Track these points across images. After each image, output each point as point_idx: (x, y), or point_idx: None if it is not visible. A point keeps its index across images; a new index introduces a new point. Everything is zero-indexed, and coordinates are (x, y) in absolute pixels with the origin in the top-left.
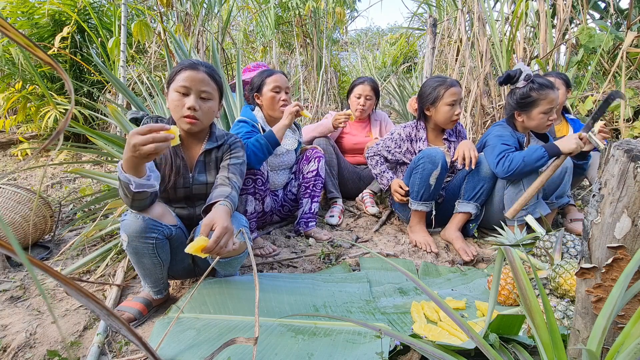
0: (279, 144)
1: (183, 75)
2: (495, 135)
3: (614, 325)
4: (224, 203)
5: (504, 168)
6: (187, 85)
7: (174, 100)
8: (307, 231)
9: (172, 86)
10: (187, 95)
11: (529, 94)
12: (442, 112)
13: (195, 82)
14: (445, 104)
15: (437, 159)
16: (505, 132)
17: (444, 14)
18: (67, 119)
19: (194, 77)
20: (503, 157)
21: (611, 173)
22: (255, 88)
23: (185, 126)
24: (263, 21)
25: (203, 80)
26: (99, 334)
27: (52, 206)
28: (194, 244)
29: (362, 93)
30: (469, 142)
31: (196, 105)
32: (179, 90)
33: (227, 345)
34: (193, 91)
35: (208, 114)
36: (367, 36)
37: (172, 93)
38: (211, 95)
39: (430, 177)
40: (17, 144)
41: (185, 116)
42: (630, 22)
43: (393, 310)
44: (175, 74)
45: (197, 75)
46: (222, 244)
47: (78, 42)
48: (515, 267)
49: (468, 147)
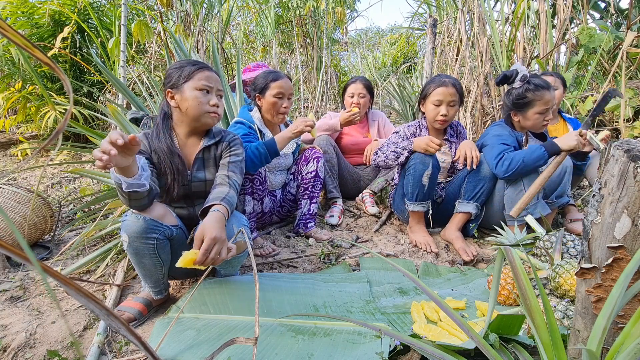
0: (278, 155)
1: (203, 74)
2: (494, 135)
3: (614, 325)
4: (218, 208)
5: (504, 168)
6: (210, 85)
7: (197, 97)
8: (307, 232)
9: (191, 84)
10: (209, 92)
11: (525, 94)
12: (428, 110)
13: (213, 81)
14: (431, 102)
15: (427, 159)
16: (504, 132)
17: (444, 14)
18: (66, 119)
19: (213, 77)
20: (502, 157)
21: (611, 173)
22: (259, 89)
23: (212, 121)
24: (263, 21)
25: (218, 80)
26: (99, 334)
27: (52, 206)
28: (183, 258)
29: (355, 92)
30: (470, 142)
31: (219, 102)
32: (202, 88)
33: (227, 345)
34: (213, 90)
35: (222, 111)
36: (367, 36)
37: (192, 91)
38: (223, 94)
39: (423, 177)
40: (17, 144)
41: (211, 112)
42: (630, 22)
43: (393, 310)
44: (193, 73)
45: (213, 75)
46: (213, 256)
47: (78, 42)
48: (515, 267)
49: (470, 147)
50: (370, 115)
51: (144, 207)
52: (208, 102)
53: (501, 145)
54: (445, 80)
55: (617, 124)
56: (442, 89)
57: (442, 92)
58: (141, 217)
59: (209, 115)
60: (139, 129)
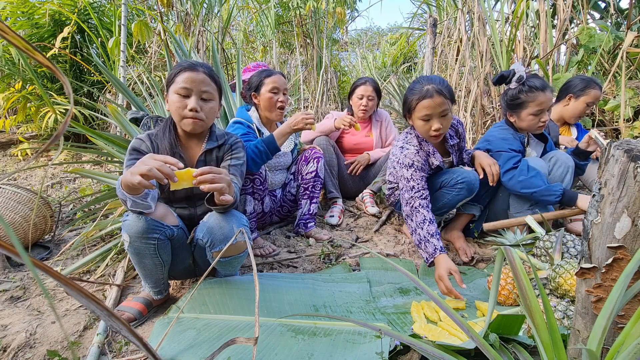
0: (279, 150)
1: (183, 76)
2: (501, 138)
3: (614, 325)
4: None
5: (511, 183)
6: (188, 87)
7: (174, 102)
8: (307, 232)
9: (172, 88)
10: (188, 96)
11: (518, 95)
12: (417, 125)
13: (195, 83)
14: (418, 117)
15: (475, 188)
16: (508, 135)
17: (444, 14)
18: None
19: (194, 78)
20: (513, 174)
21: (611, 173)
22: (253, 87)
23: (189, 127)
24: (263, 21)
25: (203, 81)
26: (99, 334)
27: (52, 206)
28: (181, 173)
29: (364, 94)
30: (487, 155)
31: (197, 106)
32: (179, 92)
33: (227, 345)
34: (194, 92)
35: (210, 114)
36: (367, 36)
37: (172, 95)
38: (212, 96)
39: (461, 201)
40: (17, 144)
41: (189, 117)
42: (630, 22)
43: (393, 310)
44: (175, 76)
45: (197, 76)
46: (208, 178)
47: (78, 42)
48: (515, 267)
49: (489, 163)
50: (374, 116)
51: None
52: (185, 106)
53: (511, 153)
54: (428, 89)
55: (617, 124)
56: (427, 102)
57: (427, 105)
58: (142, 217)
59: (186, 122)
60: (139, 129)
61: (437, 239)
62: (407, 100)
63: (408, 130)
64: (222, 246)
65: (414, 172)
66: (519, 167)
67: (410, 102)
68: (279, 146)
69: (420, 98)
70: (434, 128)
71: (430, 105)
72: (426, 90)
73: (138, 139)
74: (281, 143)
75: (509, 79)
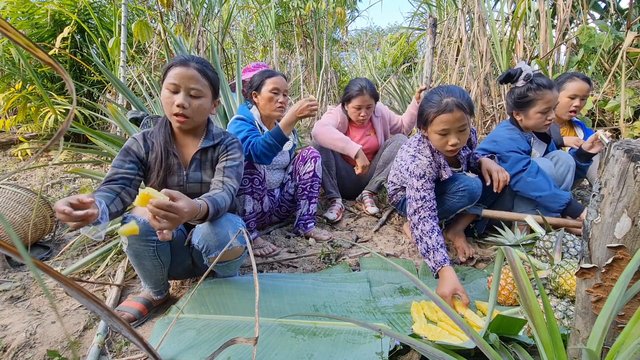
0: (287, 139)
1: (173, 71)
2: (509, 138)
3: (614, 325)
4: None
5: (520, 185)
6: (176, 83)
7: (164, 98)
8: (307, 232)
9: (164, 83)
10: (177, 92)
11: (526, 93)
12: (433, 139)
13: (184, 79)
14: (434, 131)
15: (476, 196)
16: (516, 135)
17: (444, 14)
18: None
19: (183, 73)
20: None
21: (611, 173)
22: (255, 86)
23: (175, 124)
24: (263, 21)
25: (193, 77)
26: (99, 334)
27: (52, 206)
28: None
29: (362, 104)
30: (494, 163)
31: (185, 102)
32: (168, 87)
33: (227, 346)
34: (182, 88)
35: (198, 111)
36: (367, 36)
37: (163, 90)
38: (201, 93)
39: (461, 208)
40: (17, 144)
41: (175, 114)
42: (630, 22)
43: (393, 310)
44: (167, 70)
45: (186, 72)
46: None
47: (78, 42)
48: (515, 267)
49: (497, 169)
50: (373, 114)
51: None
52: (173, 102)
53: (520, 155)
54: (447, 103)
55: (617, 124)
56: (446, 116)
57: (446, 119)
58: (141, 219)
59: (174, 118)
60: (139, 128)
61: (445, 249)
62: (424, 112)
63: (420, 137)
64: (217, 252)
65: (424, 183)
66: (528, 169)
67: (427, 114)
68: (286, 136)
69: (439, 112)
70: (451, 143)
71: (449, 120)
72: (445, 104)
73: (132, 138)
74: (288, 132)
75: (515, 77)
